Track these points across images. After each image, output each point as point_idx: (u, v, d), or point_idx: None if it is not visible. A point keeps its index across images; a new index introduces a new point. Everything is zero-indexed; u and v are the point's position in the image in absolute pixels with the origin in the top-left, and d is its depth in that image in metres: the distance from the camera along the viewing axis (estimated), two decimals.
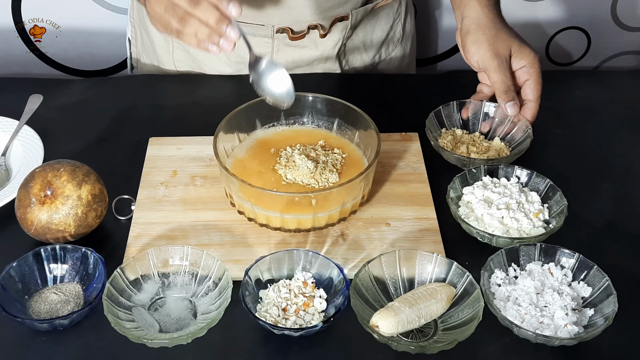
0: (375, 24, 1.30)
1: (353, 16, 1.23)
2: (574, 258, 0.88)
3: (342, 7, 1.21)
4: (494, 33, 1.10)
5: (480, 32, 1.11)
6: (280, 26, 1.21)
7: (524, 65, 1.09)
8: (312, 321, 0.84)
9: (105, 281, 0.84)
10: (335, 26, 1.23)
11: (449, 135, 1.10)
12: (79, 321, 0.84)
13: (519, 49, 1.09)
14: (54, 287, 0.87)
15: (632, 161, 1.10)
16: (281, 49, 1.24)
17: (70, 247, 0.89)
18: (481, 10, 1.12)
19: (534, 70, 1.09)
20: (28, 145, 1.07)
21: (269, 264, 0.87)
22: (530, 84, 1.09)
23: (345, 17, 1.23)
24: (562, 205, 0.95)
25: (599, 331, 0.81)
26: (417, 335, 0.83)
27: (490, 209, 0.95)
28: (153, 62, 1.34)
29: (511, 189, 0.97)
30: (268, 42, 1.23)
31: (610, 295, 0.83)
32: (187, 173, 1.04)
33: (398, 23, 1.34)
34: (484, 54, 1.09)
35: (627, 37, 1.72)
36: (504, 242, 0.91)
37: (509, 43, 1.10)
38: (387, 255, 0.88)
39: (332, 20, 1.22)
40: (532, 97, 1.09)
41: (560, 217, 0.94)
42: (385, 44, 1.34)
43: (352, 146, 1.05)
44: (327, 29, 1.23)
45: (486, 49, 1.09)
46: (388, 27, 1.32)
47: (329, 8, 1.20)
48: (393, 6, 1.32)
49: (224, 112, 1.02)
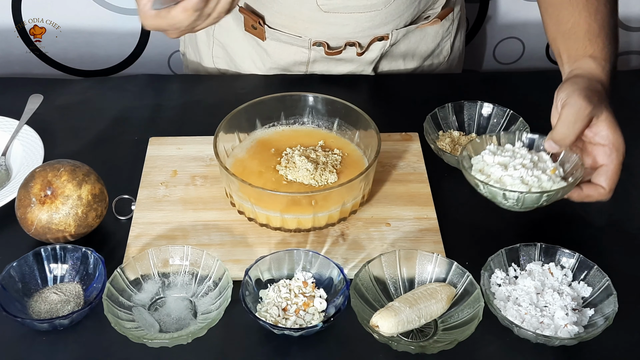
0: (421, 39, 1.27)
1: (393, 36, 1.21)
2: (574, 258, 0.88)
3: (383, 28, 1.19)
4: (599, 87, 0.92)
5: (587, 77, 0.93)
6: (317, 40, 1.20)
7: (606, 144, 0.90)
8: (312, 321, 0.84)
9: (105, 281, 0.84)
10: (373, 45, 1.21)
11: (447, 138, 1.10)
12: (79, 321, 0.84)
13: (612, 121, 0.91)
14: (54, 287, 0.87)
15: (632, 161, 1.10)
16: (317, 60, 1.24)
17: (70, 247, 0.89)
18: (595, 67, 0.94)
19: (617, 157, 0.91)
20: (28, 145, 1.07)
21: (269, 263, 0.87)
22: (608, 171, 0.91)
23: (385, 37, 1.21)
24: (575, 160, 0.91)
25: (599, 331, 0.80)
26: (417, 335, 0.83)
27: (508, 170, 0.91)
28: (196, 58, 1.35)
29: (520, 151, 0.94)
30: (305, 52, 1.23)
31: (610, 295, 0.83)
32: (187, 173, 1.04)
33: (447, 41, 1.31)
34: (575, 92, 0.89)
35: (628, 37, 1.72)
36: (532, 200, 0.86)
37: (606, 104, 0.91)
38: (387, 255, 0.88)
39: (372, 39, 1.20)
40: (607, 187, 0.91)
41: (577, 171, 0.89)
42: (429, 59, 1.31)
43: (352, 146, 1.05)
44: (364, 47, 1.21)
45: (581, 89, 0.89)
46: (434, 45, 1.29)
47: (369, 28, 1.18)
48: (444, 24, 1.28)
49: (224, 112, 1.02)
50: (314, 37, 1.19)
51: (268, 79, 1.26)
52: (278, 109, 1.07)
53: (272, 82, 1.26)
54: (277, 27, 1.19)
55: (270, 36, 1.21)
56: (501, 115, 1.11)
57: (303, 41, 1.20)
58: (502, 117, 1.11)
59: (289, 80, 1.26)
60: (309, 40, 1.20)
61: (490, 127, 1.11)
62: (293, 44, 1.21)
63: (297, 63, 1.25)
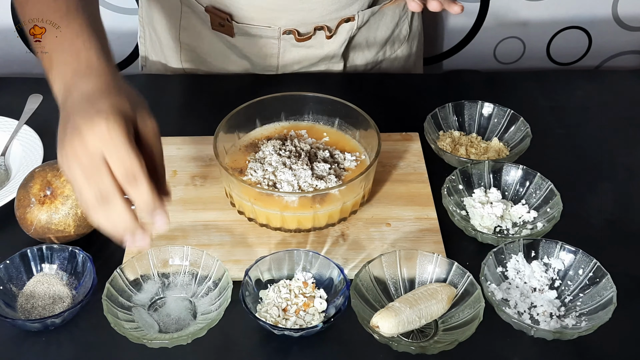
0: (380, 22, 1.29)
1: (359, 17, 1.23)
2: (574, 255, 0.88)
3: (349, 9, 1.21)
4: None
5: None
6: (287, 28, 1.20)
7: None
8: (313, 321, 0.83)
9: (95, 279, 0.84)
10: (341, 27, 1.23)
11: (447, 138, 1.10)
12: (77, 322, 0.84)
13: None
14: (42, 286, 0.87)
15: (632, 161, 1.10)
16: (287, 49, 1.24)
17: (57, 247, 0.88)
18: None
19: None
20: (28, 145, 1.07)
21: (269, 264, 0.87)
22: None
23: (352, 18, 1.22)
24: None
25: (597, 326, 0.80)
26: (418, 336, 0.83)
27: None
28: (160, 60, 1.35)
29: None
30: (274, 43, 1.23)
31: (609, 291, 0.83)
32: (187, 173, 1.04)
33: (404, 21, 1.33)
34: None
35: (628, 36, 1.71)
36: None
37: None
38: (388, 256, 0.87)
39: (339, 21, 1.22)
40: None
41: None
42: (390, 42, 1.33)
43: (352, 143, 1.05)
44: (333, 30, 1.22)
45: None
46: (393, 25, 1.31)
47: (335, 10, 1.20)
48: (400, 5, 1.31)
49: (224, 112, 1.02)
50: (283, 25, 1.20)
51: (268, 78, 1.26)
52: (278, 108, 1.07)
53: (272, 81, 1.25)
54: (246, 21, 1.19)
55: (238, 31, 1.21)
56: (502, 115, 1.11)
57: (273, 31, 1.21)
58: (502, 117, 1.11)
59: (290, 79, 1.26)
60: (278, 29, 1.20)
61: (490, 127, 1.11)
62: (263, 36, 1.21)
63: (269, 55, 1.25)
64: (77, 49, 0.79)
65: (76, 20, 0.81)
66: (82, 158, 0.70)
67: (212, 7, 1.20)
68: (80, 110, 0.72)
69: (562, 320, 0.83)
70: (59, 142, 0.72)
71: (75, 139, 0.70)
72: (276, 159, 0.98)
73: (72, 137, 0.70)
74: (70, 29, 0.81)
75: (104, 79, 0.76)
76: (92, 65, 0.77)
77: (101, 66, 0.77)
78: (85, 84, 0.75)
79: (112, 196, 0.70)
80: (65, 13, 0.82)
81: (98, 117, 0.69)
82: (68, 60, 0.78)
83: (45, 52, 0.82)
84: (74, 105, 0.73)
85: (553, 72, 1.26)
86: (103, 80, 0.76)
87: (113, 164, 0.69)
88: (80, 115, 0.71)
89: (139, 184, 0.70)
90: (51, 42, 0.81)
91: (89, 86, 0.75)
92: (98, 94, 0.74)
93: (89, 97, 0.73)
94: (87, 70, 0.77)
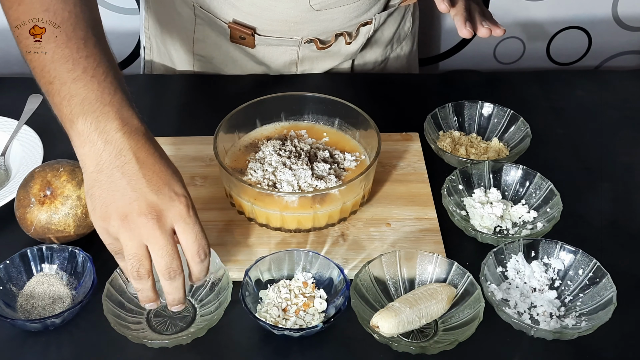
0: (390, 18, 1.29)
1: (376, 20, 1.23)
2: (573, 255, 0.88)
3: (367, 14, 1.21)
4: None
5: None
6: (309, 37, 1.20)
7: None
8: (313, 321, 0.83)
9: (94, 279, 0.84)
10: (359, 31, 1.23)
11: (447, 138, 1.10)
12: (77, 322, 0.84)
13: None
14: (42, 287, 0.87)
15: (633, 161, 1.10)
16: (306, 56, 1.24)
17: (57, 247, 0.88)
18: None
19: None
20: (27, 145, 1.07)
21: (269, 264, 0.87)
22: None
23: (369, 21, 1.22)
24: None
25: (597, 326, 0.80)
26: (418, 336, 0.83)
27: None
28: (169, 66, 1.34)
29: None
30: (294, 50, 1.23)
31: (609, 291, 0.83)
32: (187, 173, 1.04)
33: (406, 19, 1.33)
34: None
35: (628, 36, 1.71)
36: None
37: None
38: (388, 256, 0.87)
39: (358, 26, 1.22)
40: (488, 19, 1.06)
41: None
42: (393, 41, 1.33)
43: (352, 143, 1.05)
44: (353, 35, 1.22)
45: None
46: (397, 24, 1.31)
47: (355, 17, 1.19)
48: (410, 4, 1.31)
49: (224, 112, 1.02)
50: (305, 35, 1.20)
51: (268, 78, 1.26)
52: (278, 108, 1.07)
53: (272, 81, 1.25)
54: (268, 34, 1.19)
55: (259, 42, 1.21)
56: (502, 115, 1.11)
57: (294, 41, 1.21)
58: (502, 117, 1.11)
59: (290, 79, 1.26)
60: (300, 39, 1.20)
61: (490, 127, 1.11)
62: (282, 45, 1.21)
63: (288, 62, 1.25)
64: (102, 91, 0.78)
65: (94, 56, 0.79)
66: (150, 233, 0.73)
67: (236, 22, 1.19)
68: (151, 183, 0.74)
69: (562, 320, 0.84)
70: (104, 192, 0.74)
71: (150, 212, 0.73)
72: (276, 159, 0.98)
73: (143, 208, 0.73)
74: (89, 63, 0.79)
75: (154, 149, 0.76)
76: (133, 125, 0.76)
77: (142, 127, 0.77)
78: (139, 149, 0.75)
79: (147, 275, 0.75)
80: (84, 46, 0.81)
81: (179, 201, 0.75)
82: (93, 100, 0.78)
83: (45, 52, 0.82)
84: (133, 171, 0.74)
85: (553, 72, 1.26)
86: (153, 149, 0.76)
87: (155, 253, 0.74)
88: (154, 191, 0.74)
89: (176, 280, 0.75)
90: (60, 65, 0.81)
91: (145, 154, 0.75)
92: (164, 170, 0.76)
93: (155, 171, 0.75)
94: (132, 131, 0.76)
